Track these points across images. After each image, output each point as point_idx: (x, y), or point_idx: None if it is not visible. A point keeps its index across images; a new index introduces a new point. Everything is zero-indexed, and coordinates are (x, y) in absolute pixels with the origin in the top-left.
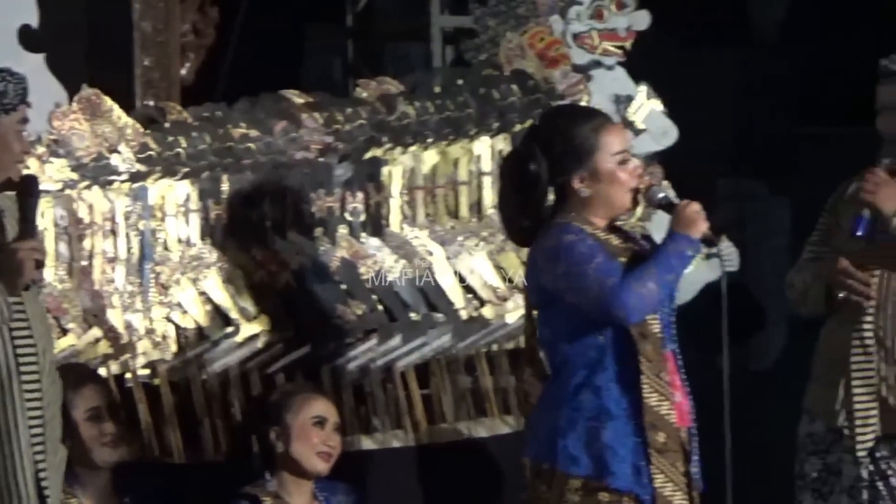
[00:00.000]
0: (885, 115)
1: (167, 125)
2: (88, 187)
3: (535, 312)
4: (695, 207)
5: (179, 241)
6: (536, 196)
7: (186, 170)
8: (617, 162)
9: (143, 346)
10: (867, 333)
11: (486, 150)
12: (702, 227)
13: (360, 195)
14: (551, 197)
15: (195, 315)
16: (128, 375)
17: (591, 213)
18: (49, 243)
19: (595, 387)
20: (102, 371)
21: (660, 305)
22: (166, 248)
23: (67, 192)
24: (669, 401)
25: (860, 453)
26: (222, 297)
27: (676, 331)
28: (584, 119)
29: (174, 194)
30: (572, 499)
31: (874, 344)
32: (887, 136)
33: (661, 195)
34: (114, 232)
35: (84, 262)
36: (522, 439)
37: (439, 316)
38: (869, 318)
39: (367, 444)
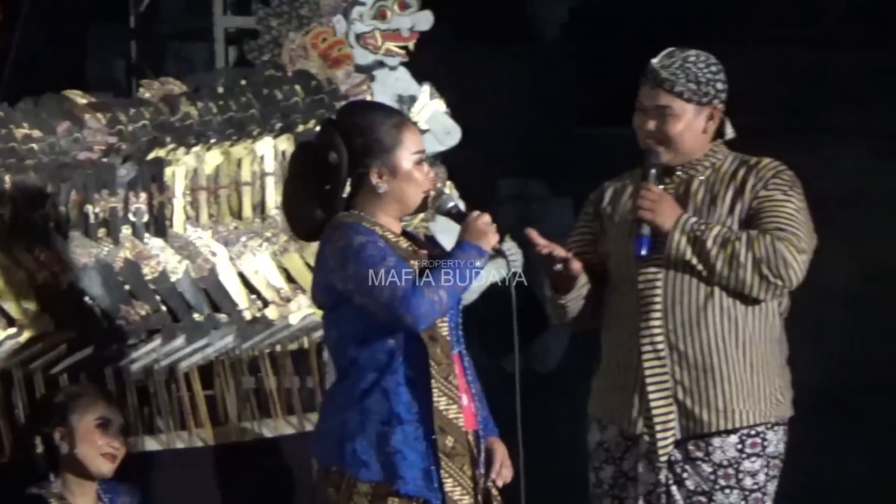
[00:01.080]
0: (639, 114)
1: None
2: None
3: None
4: (486, 219)
5: None
6: (335, 187)
7: None
8: (415, 161)
9: None
10: (658, 338)
11: (270, 150)
12: (493, 239)
13: (143, 196)
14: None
15: None
16: None
17: (383, 210)
18: None
19: (384, 390)
20: None
21: (448, 312)
22: None
23: None
24: (457, 404)
25: (661, 458)
26: (5, 298)
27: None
28: (386, 114)
29: None
30: (361, 502)
31: (665, 348)
32: (639, 135)
33: (451, 204)
34: None
35: None
36: (309, 439)
37: (223, 317)
38: (657, 322)
39: (152, 444)
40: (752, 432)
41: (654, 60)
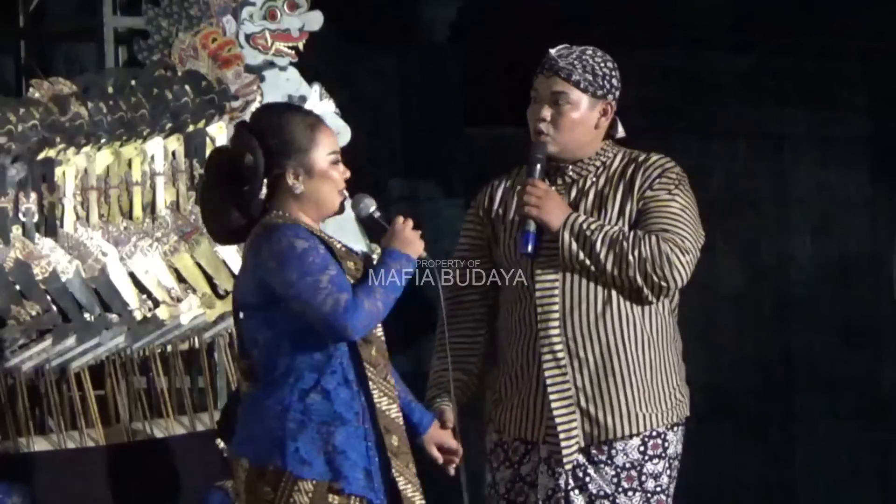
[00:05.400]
0: (534, 105)
1: None
2: None
3: (241, 313)
4: (411, 225)
5: None
6: (252, 190)
7: None
8: (330, 161)
9: None
10: (557, 346)
11: (160, 150)
12: (419, 247)
13: (33, 196)
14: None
15: None
16: None
17: (303, 211)
18: None
19: (325, 391)
20: None
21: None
22: None
23: None
24: (397, 403)
25: (567, 466)
26: None
27: None
28: (300, 115)
29: None
30: (301, 500)
31: (565, 356)
32: (531, 124)
33: (372, 209)
34: None
35: None
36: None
37: (113, 317)
38: (556, 331)
39: (42, 444)
40: (654, 433)
41: (552, 51)
